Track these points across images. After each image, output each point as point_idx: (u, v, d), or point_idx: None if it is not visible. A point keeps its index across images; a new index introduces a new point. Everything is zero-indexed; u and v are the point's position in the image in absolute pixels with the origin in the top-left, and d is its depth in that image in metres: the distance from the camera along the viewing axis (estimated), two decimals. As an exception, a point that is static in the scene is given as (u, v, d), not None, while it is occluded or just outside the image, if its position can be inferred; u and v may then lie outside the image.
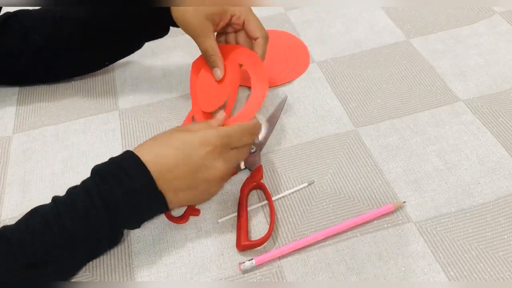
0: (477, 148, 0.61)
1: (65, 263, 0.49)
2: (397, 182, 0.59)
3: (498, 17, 0.81)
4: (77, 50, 0.70)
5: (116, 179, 0.48)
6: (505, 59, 0.73)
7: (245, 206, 0.57)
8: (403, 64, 0.74)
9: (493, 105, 0.67)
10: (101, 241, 0.50)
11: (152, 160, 0.49)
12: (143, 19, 0.65)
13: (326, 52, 0.78)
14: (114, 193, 0.48)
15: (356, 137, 0.64)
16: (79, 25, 0.68)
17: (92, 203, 0.48)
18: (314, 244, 0.53)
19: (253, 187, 0.59)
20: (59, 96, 0.75)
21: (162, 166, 0.49)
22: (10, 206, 0.61)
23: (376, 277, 0.50)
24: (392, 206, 0.55)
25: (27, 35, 0.69)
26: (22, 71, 0.73)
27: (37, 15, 0.71)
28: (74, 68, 0.75)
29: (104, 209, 0.48)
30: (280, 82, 0.73)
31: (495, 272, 0.50)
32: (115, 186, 0.48)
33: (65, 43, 0.69)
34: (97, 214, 0.48)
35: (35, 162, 0.66)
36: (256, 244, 0.53)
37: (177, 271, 0.53)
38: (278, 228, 0.55)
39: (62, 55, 0.71)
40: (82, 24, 0.67)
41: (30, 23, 0.70)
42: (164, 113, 0.71)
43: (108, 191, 0.48)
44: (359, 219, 0.54)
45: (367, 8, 0.86)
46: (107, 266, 0.54)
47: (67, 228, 0.47)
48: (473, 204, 0.56)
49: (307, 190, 0.59)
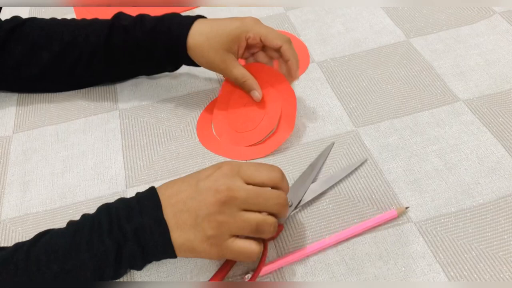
0: (477, 148, 0.61)
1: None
2: (397, 182, 0.59)
3: (498, 17, 0.81)
4: (83, 71, 0.70)
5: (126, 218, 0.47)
6: (505, 59, 0.73)
7: (233, 261, 0.51)
8: (403, 64, 0.74)
9: (493, 105, 0.67)
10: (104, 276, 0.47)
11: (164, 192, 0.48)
12: (158, 53, 0.66)
13: (326, 52, 0.78)
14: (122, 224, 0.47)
15: (356, 137, 0.64)
16: (90, 49, 0.68)
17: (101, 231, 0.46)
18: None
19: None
20: (59, 96, 0.75)
21: (168, 190, 0.48)
22: (10, 206, 0.61)
23: (376, 277, 0.50)
24: (395, 213, 0.54)
25: (35, 49, 0.69)
26: (26, 82, 0.73)
27: (46, 30, 0.70)
28: (78, 84, 0.76)
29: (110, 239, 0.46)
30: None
31: (495, 272, 0.50)
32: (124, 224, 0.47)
33: (72, 63, 0.69)
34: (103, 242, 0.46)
35: (35, 162, 0.66)
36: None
37: (177, 271, 0.53)
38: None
39: (68, 75, 0.71)
40: (92, 52, 0.68)
41: (39, 37, 0.69)
42: (164, 113, 0.71)
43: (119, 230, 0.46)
44: (362, 227, 0.54)
45: (367, 8, 0.86)
46: (107, 266, 0.54)
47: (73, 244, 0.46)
48: (473, 204, 0.56)
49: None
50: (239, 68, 0.63)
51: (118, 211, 0.47)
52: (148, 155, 0.65)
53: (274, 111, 0.64)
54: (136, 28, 0.66)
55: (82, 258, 0.45)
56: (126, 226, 0.46)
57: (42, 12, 0.93)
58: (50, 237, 0.48)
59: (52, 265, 0.45)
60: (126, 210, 0.47)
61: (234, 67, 0.63)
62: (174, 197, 0.47)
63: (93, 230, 0.46)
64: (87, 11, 0.91)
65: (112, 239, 0.46)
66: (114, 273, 0.47)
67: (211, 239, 0.45)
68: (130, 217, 0.47)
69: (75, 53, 0.68)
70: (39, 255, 0.46)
